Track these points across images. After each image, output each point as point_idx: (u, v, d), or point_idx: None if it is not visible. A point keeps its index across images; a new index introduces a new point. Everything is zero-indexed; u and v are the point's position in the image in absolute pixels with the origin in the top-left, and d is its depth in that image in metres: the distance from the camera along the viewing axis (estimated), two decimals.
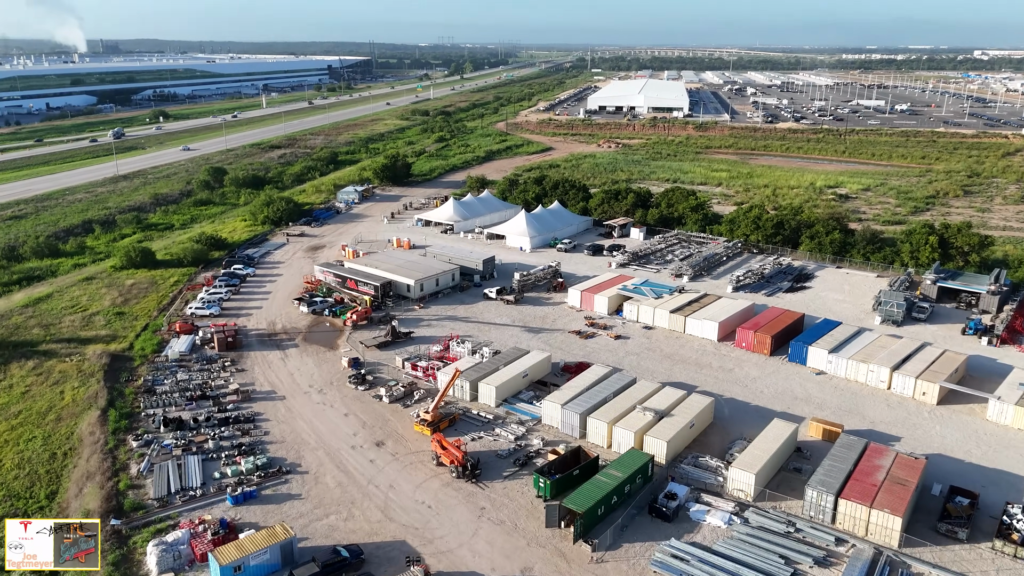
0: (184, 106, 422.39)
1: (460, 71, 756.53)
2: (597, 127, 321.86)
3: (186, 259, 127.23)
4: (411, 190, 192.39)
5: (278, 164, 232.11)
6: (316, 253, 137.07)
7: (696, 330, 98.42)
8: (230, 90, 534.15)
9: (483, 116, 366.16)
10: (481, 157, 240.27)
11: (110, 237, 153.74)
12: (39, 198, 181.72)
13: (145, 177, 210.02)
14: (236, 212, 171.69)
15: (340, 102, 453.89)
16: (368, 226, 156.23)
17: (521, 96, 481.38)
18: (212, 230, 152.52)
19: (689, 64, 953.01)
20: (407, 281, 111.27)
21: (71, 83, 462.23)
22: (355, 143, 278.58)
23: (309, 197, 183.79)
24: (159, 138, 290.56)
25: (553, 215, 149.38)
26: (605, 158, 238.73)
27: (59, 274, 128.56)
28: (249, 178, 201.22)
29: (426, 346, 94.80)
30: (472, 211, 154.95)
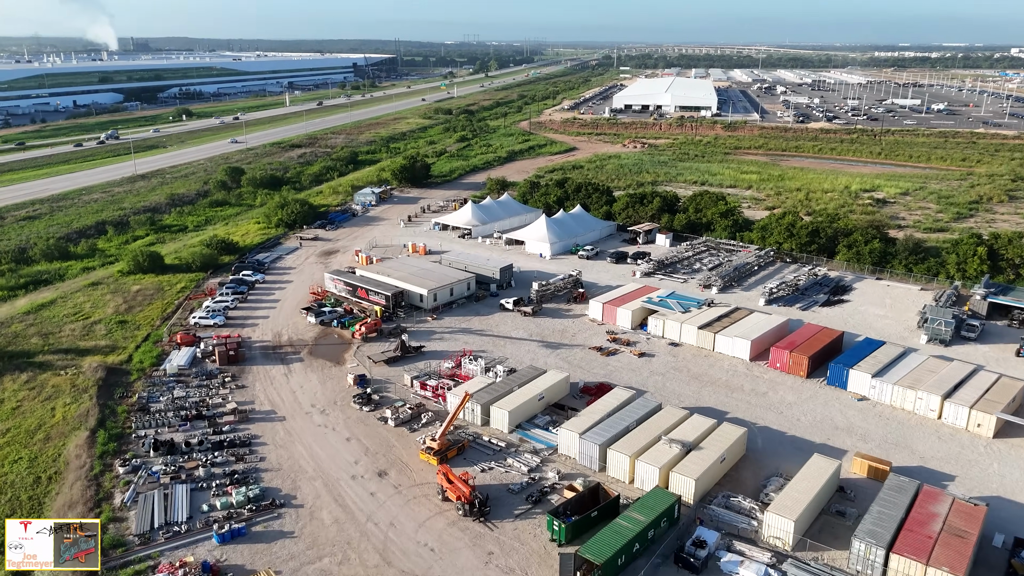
0: (208, 104, 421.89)
1: (485, 69, 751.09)
2: (622, 126, 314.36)
3: (195, 264, 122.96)
4: (430, 192, 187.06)
5: (297, 164, 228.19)
6: (329, 258, 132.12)
7: (726, 348, 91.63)
8: (255, 88, 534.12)
9: (506, 115, 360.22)
10: (503, 158, 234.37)
11: (122, 239, 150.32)
12: (55, 198, 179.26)
13: (163, 177, 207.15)
14: (251, 214, 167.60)
15: (364, 100, 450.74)
16: (384, 230, 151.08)
17: (546, 94, 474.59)
18: (224, 233, 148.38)
19: (717, 62, 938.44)
20: (420, 291, 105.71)
21: (99, 81, 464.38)
22: (376, 142, 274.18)
23: (326, 199, 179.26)
24: (180, 136, 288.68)
25: (575, 220, 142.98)
26: (630, 159, 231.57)
27: (67, 277, 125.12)
28: (266, 178, 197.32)
29: (437, 362, 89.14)
30: (491, 215, 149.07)
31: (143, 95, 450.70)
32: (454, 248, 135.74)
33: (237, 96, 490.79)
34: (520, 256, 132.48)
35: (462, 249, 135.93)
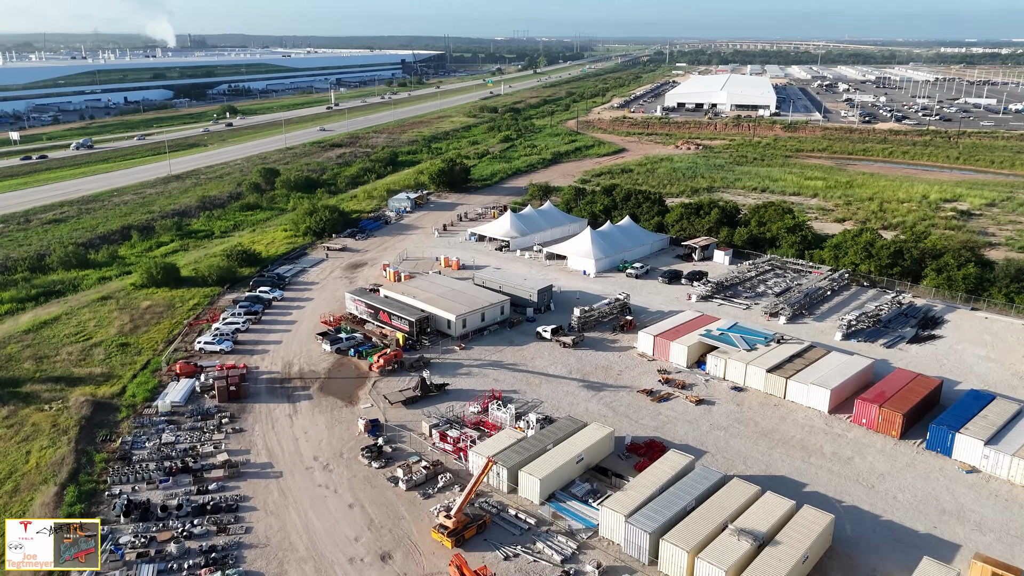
0: (254, 101, 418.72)
1: (533, 65, 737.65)
2: (675, 126, 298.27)
3: (211, 278, 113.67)
4: (468, 197, 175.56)
5: (335, 164, 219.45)
6: (355, 272, 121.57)
7: (800, 396, 77.70)
8: (303, 84, 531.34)
9: (553, 113, 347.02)
10: (547, 160, 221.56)
11: (146, 245, 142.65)
12: (85, 199, 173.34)
13: (197, 178, 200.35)
14: (281, 220, 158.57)
15: (408, 98, 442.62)
16: (417, 240, 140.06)
17: (595, 91, 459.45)
18: (249, 241, 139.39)
19: (773, 58, 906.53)
20: (447, 316, 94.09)
21: (152, 77, 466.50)
22: (418, 142, 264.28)
23: (359, 204, 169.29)
24: (222, 134, 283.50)
25: (623, 232, 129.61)
26: (684, 162, 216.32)
27: (82, 288, 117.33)
28: (302, 180, 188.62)
29: (461, 405, 77.45)
30: (531, 226, 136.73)
31: (193, 92, 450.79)
32: (489, 263, 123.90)
33: (285, 93, 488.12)
34: (561, 273, 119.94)
35: (498, 264, 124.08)
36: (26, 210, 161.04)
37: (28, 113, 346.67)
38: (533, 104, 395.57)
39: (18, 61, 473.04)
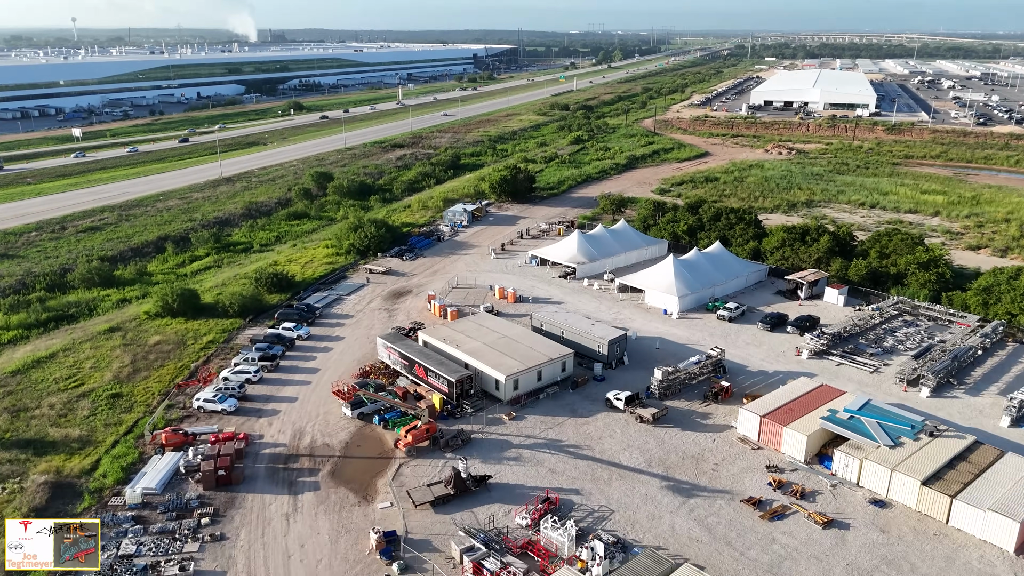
0: (322, 97, 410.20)
1: (608, 59, 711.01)
2: (762, 127, 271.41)
3: (232, 308, 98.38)
4: (532, 209, 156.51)
5: (394, 168, 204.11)
6: (397, 303, 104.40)
7: (972, 526, 55.87)
8: (373, 80, 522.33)
9: (628, 111, 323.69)
10: (622, 165, 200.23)
11: (178, 260, 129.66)
12: (128, 205, 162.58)
13: (248, 180, 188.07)
14: (327, 232, 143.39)
15: (478, 94, 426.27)
16: (470, 262, 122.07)
17: (673, 87, 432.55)
18: (286, 259, 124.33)
19: (864, 51, 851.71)
20: (496, 374, 75.59)
21: (227, 72, 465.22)
22: (483, 143, 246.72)
23: (412, 215, 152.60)
24: (283, 132, 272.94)
25: (712, 261, 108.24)
26: (776, 169, 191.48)
27: (97, 312, 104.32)
28: (355, 186, 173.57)
29: (506, 511, 58.88)
30: (602, 249, 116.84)
31: (264, 87, 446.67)
32: (551, 295, 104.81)
33: (355, 88, 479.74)
34: (636, 311, 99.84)
35: (561, 295, 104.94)
36: (64, 216, 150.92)
37: (101, 108, 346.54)
38: (607, 101, 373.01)
39: (100, 55, 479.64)
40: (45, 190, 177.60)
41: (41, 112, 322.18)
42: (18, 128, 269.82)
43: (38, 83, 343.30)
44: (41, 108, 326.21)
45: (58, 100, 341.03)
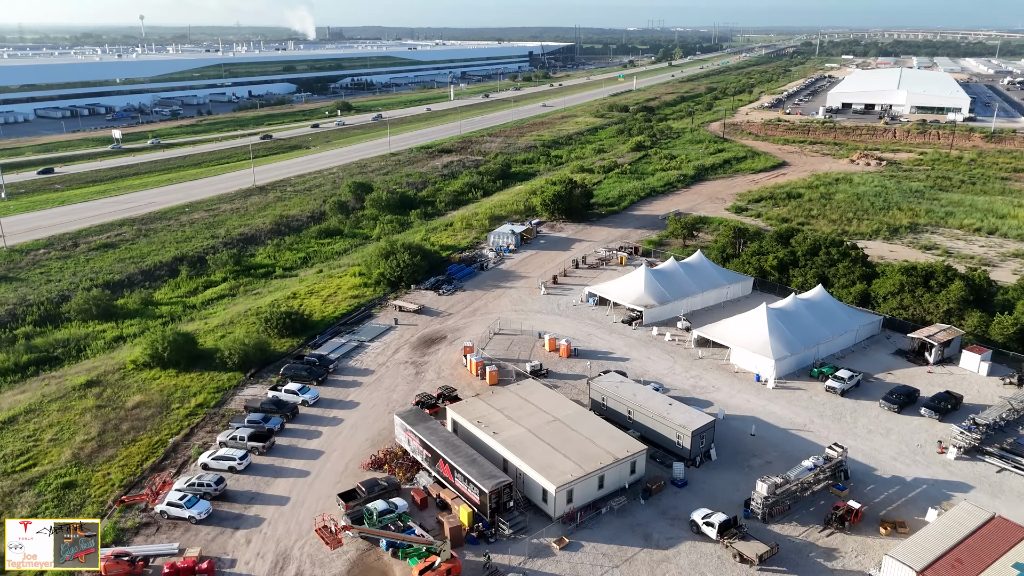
0: (372, 96, 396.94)
1: (668, 57, 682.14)
2: (842, 132, 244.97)
3: (232, 359, 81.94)
4: (589, 230, 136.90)
5: (439, 177, 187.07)
6: (427, 355, 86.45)
7: None
8: (426, 78, 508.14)
9: (692, 114, 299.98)
10: (689, 177, 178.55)
11: (191, 286, 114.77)
12: (150, 217, 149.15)
13: (283, 190, 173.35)
14: (359, 255, 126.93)
15: (531, 94, 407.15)
16: (517, 299, 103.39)
17: (739, 87, 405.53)
18: (307, 289, 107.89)
19: (940, 49, 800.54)
20: (544, 483, 56.77)
21: (282, 70, 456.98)
22: (536, 148, 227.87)
23: (454, 236, 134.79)
24: (327, 135, 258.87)
25: (814, 311, 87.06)
26: (867, 184, 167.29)
27: (85, 355, 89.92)
28: (394, 200, 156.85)
29: None
30: (674, 288, 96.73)
31: (316, 85, 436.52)
32: (612, 347, 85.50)
33: (407, 87, 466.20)
34: (721, 374, 79.76)
35: (626, 349, 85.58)
36: (79, 230, 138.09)
37: (151, 107, 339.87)
38: (669, 102, 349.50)
39: (156, 54, 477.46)
40: (70, 198, 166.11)
41: (91, 111, 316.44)
42: (62, 128, 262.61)
43: (90, 81, 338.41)
44: (91, 107, 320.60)
45: (109, 99, 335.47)
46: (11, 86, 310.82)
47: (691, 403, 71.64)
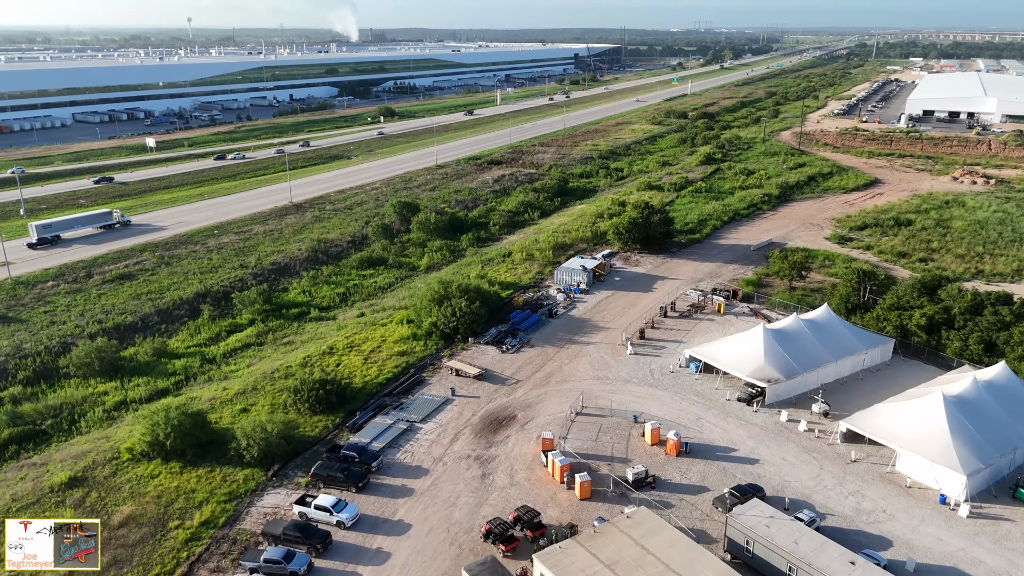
0: (415, 102, 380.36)
1: (718, 59, 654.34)
2: (930, 143, 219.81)
3: (251, 451, 63.87)
4: (671, 264, 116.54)
5: (490, 193, 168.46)
6: (493, 446, 67.40)
7: None
8: (470, 81, 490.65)
9: (759, 120, 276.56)
10: (775, 197, 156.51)
11: (212, 331, 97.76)
12: (175, 241, 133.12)
13: (321, 208, 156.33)
14: (407, 291, 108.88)
15: (580, 99, 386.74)
16: (598, 360, 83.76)
17: (799, 92, 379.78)
18: (346, 341, 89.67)
19: (1004, 51, 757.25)
20: None
21: (324, 73, 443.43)
22: (592, 160, 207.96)
23: (514, 269, 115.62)
24: (369, 143, 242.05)
25: (1004, 400, 65.70)
26: (984, 208, 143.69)
27: (79, 428, 73.40)
28: (444, 222, 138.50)
29: None
30: (802, 355, 76.15)
31: (358, 89, 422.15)
32: (731, 438, 65.42)
33: (451, 91, 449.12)
34: (887, 489, 59.25)
35: (751, 443, 65.66)
36: (94, 257, 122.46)
37: (191, 111, 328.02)
38: (728, 107, 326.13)
39: (199, 56, 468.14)
40: None
41: (130, 116, 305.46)
42: (97, 134, 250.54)
43: (130, 85, 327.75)
44: (130, 111, 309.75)
45: (148, 103, 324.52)
46: (50, 89, 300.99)
47: (859, 538, 51.86)
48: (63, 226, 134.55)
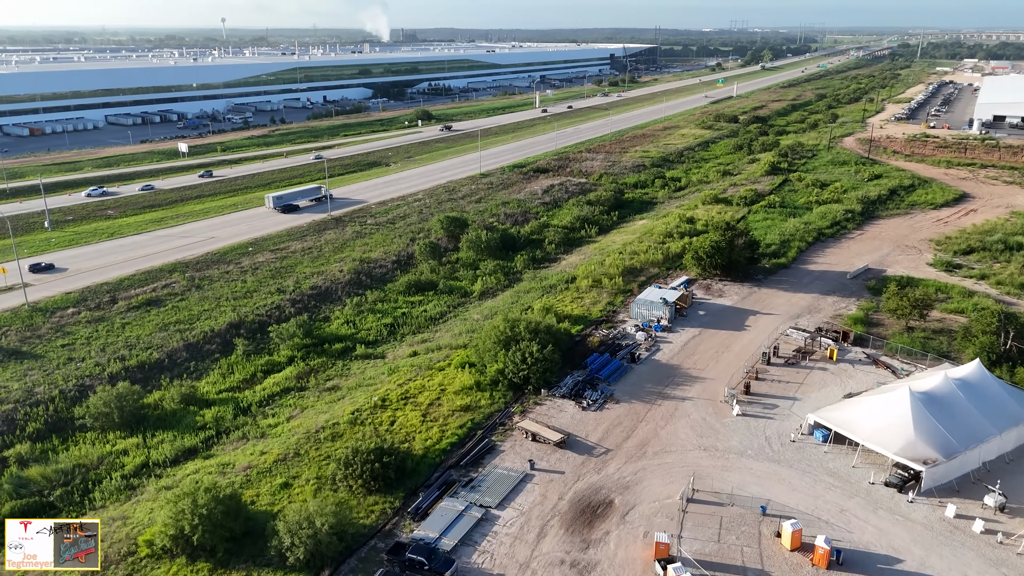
0: (452, 104, 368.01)
1: (758, 60, 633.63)
2: (1008, 152, 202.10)
3: (295, 552, 51.14)
4: (761, 295, 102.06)
5: (540, 206, 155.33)
6: (591, 546, 53.93)
7: None
8: (504, 82, 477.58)
9: (816, 126, 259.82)
10: (857, 214, 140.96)
11: (247, 371, 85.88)
12: (207, 260, 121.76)
13: (363, 223, 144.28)
14: (461, 325, 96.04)
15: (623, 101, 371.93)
16: (700, 420, 69.93)
17: (850, 95, 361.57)
18: (399, 391, 76.85)
19: None
20: None
21: (358, 73, 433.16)
22: (645, 167, 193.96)
23: (581, 298, 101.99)
24: (408, 150, 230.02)
25: None
26: None
27: (93, 500, 61.62)
28: (495, 240, 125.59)
29: None
30: (959, 426, 61.63)
31: (392, 90, 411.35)
32: (888, 539, 51.35)
33: (486, 92, 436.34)
34: None
35: (913, 550, 51.43)
36: (120, 278, 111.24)
37: (224, 113, 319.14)
38: (778, 110, 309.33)
39: (232, 57, 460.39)
40: (121, 229, 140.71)
41: (162, 118, 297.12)
42: (129, 138, 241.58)
43: (163, 87, 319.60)
44: (163, 113, 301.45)
45: (181, 105, 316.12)
46: (84, 91, 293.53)
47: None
48: (290, 197, 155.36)
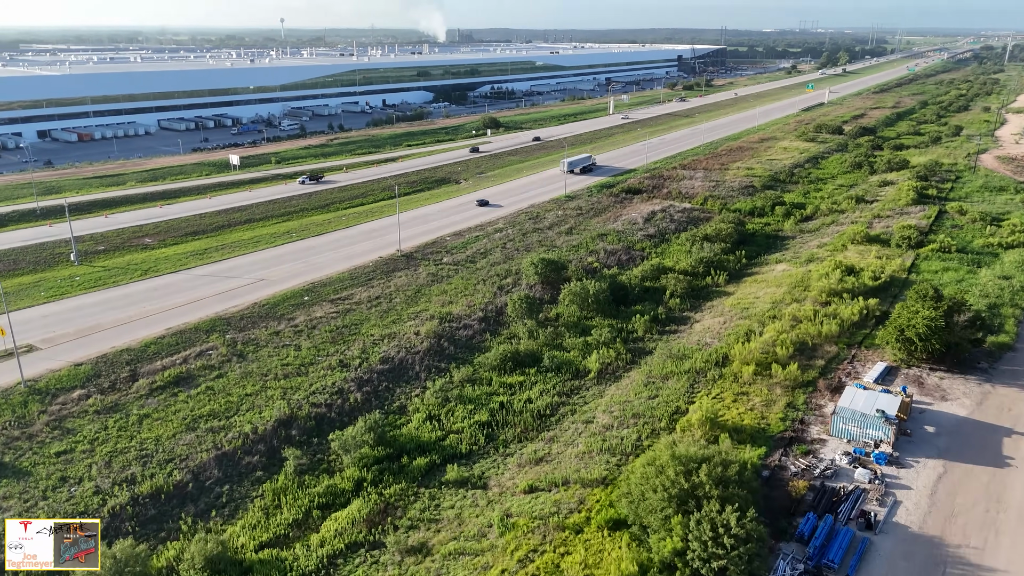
0: (516, 110, 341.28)
1: (835, 62, 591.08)
2: None
3: None
4: (1000, 396, 72.28)
5: (645, 239, 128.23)
6: None
7: None
8: (568, 85, 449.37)
9: (939, 140, 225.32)
10: None
11: (301, 502, 60.85)
12: (253, 315, 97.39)
13: (438, 262, 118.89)
14: (585, 423, 69.48)
15: (703, 108, 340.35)
16: None
17: (953, 103, 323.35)
18: (513, 562, 50.64)
19: None
20: None
21: (416, 75, 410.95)
22: (756, 189, 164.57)
23: (747, 399, 73.72)
24: (479, 164, 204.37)
25: None
26: None
27: None
28: (604, 292, 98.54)
29: None
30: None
31: (453, 94, 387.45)
32: None
33: (550, 96, 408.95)
34: None
35: None
36: (144, 343, 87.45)
37: (279, 118, 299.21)
38: (883, 119, 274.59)
39: (290, 58, 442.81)
40: (158, 263, 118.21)
41: (217, 123, 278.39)
42: (179, 147, 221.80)
43: (218, 89, 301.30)
44: (217, 118, 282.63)
45: (236, 109, 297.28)
46: (138, 94, 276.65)
47: None
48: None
